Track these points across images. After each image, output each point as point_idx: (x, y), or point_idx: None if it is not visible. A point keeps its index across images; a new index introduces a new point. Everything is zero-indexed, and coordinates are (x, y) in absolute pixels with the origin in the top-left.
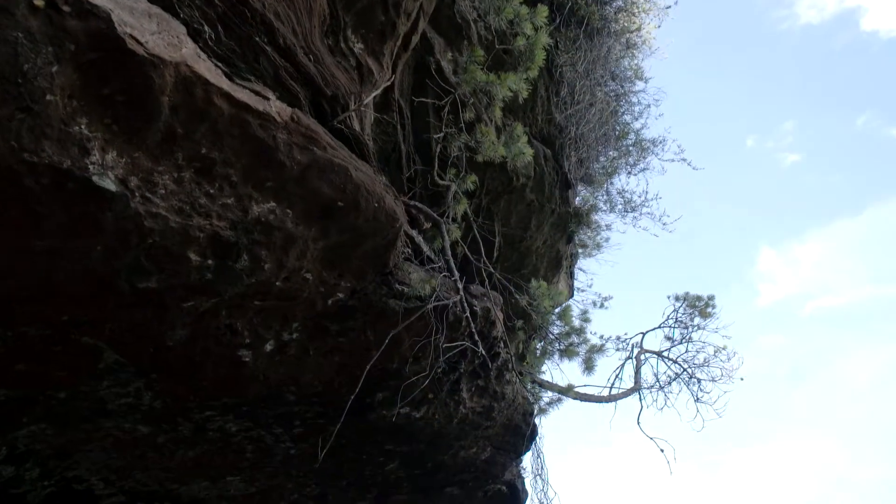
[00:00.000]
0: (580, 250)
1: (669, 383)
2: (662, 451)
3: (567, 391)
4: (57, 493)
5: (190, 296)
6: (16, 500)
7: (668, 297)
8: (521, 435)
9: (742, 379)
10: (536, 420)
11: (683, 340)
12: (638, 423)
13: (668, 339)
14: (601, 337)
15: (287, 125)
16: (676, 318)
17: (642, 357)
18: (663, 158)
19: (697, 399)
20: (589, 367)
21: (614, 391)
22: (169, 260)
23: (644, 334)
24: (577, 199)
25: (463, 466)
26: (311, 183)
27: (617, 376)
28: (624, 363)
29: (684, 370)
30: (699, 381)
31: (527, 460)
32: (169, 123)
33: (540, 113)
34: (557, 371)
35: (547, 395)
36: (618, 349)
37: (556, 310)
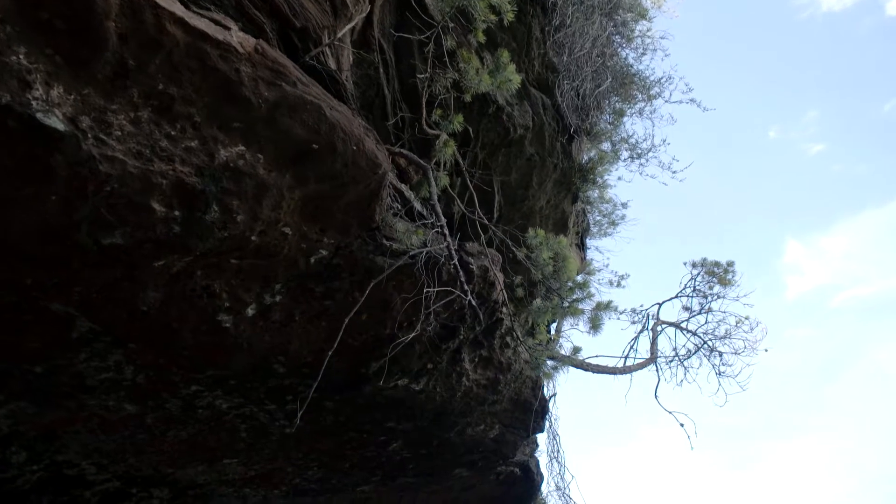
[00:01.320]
0: (594, 228)
1: (689, 356)
2: (682, 425)
3: (575, 361)
4: (48, 478)
5: (160, 253)
6: (5, 485)
7: (685, 264)
8: (531, 411)
9: (766, 350)
10: (550, 403)
11: (702, 311)
12: (655, 396)
13: (686, 309)
14: (616, 310)
15: (251, 57)
16: (694, 287)
17: (658, 328)
18: (670, 100)
19: (720, 373)
20: (595, 326)
21: (630, 364)
22: (131, 211)
23: (660, 305)
24: (584, 157)
25: (471, 445)
26: (282, 123)
27: (632, 348)
28: (639, 334)
29: (704, 342)
30: (721, 353)
31: (542, 445)
32: (119, 55)
33: (536, 57)
34: (566, 342)
35: (552, 363)
36: (633, 322)
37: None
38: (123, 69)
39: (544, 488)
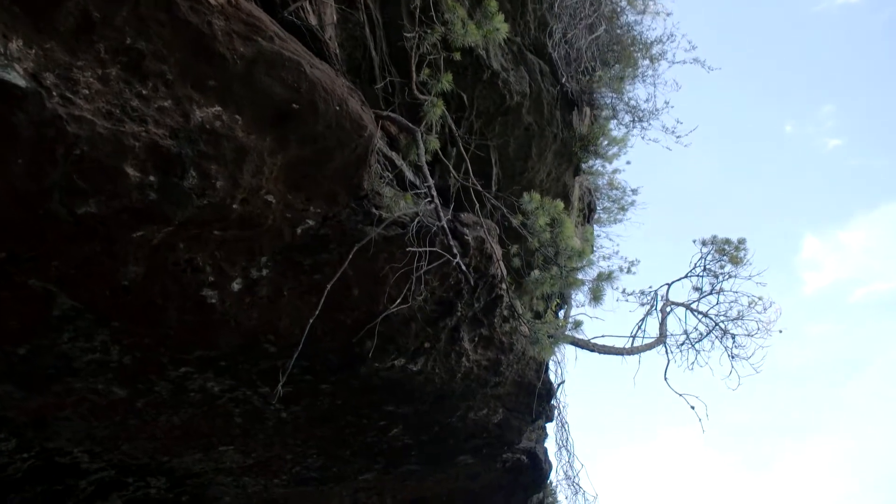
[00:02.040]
0: (604, 215)
1: (700, 339)
2: (693, 408)
3: (580, 341)
4: (40, 467)
5: (138, 223)
6: None
7: (695, 242)
8: (536, 394)
9: (781, 332)
10: (559, 390)
11: (714, 291)
12: (665, 378)
13: (697, 289)
14: (623, 291)
15: (224, 10)
16: (704, 267)
17: (668, 309)
18: (673, 60)
19: (732, 356)
20: (596, 297)
21: (638, 345)
22: (104, 176)
23: (669, 285)
24: (584, 126)
25: (474, 430)
26: (260, 81)
27: (640, 328)
28: (647, 314)
29: (716, 324)
30: (733, 336)
31: (551, 435)
32: (82, 5)
33: (532, 20)
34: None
35: (548, 338)
36: (642, 304)
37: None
38: (88, 22)
39: (553, 477)
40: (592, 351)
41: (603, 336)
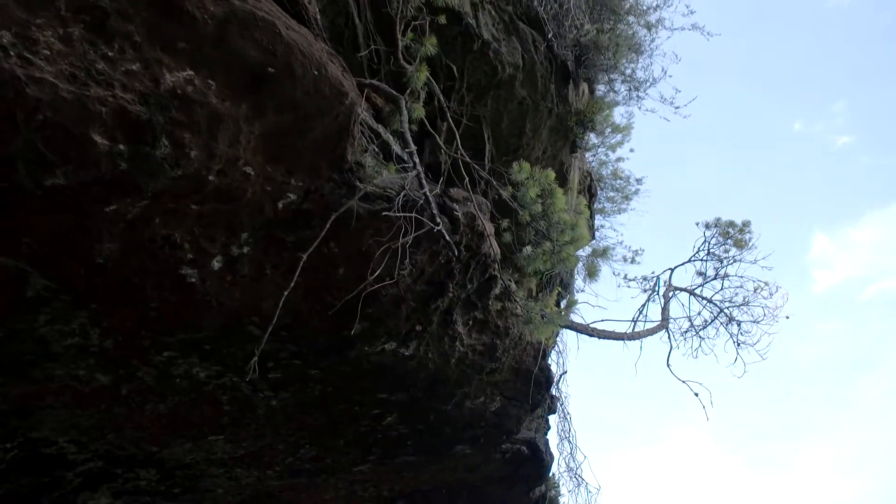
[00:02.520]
0: (608, 204)
1: (705, 326)
2: (697, 394)
3: (579, 325)
4: (25, 458)
5: (110, 196)
6: None
7: (698, 224)
8: (534, 381)
9: (788, 317)
10: (561, 381)
11: (718, 276)
12: (668, 364)
13: (701, 274)
14: (625, 277)
15: None
16: (708, 251)
17: (671, 294)
18: (672, 27)
19: (738, 343)
20: (591, 273)
21: (640, 330)
22: (70, 144)
23: (672, 270)
24: (580, 101)
25: (470, 419)
26: (233, 43)
27: (641, 313)
28: (649, 298)
29: (721, 311)
30: (739, 322)
31: (553, 429)
32: None
33: None
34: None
35: (541, 318)
36: (644, 290)
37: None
38: None
39: (555, 470)
40: (592, 336)
41: (603, 321)
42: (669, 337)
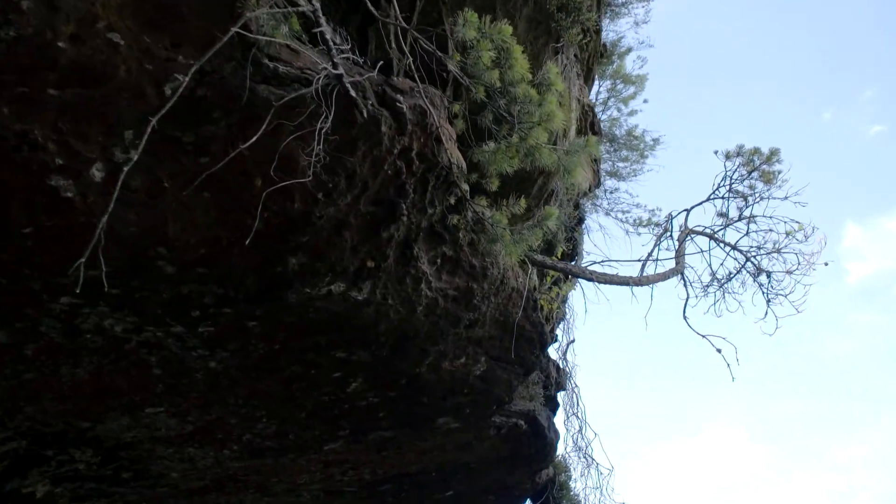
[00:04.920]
0: (623, 166)
1: (729, 279)
2: (720, 350)
3: (574, 269)
4: None
5: None
6: None
7: (716, 153)
8: (525, 337)
9: (827, 264)
10: (569, 351)
11: (742, 218)
12: (684, 316)
13: (722, 215)
14: (634, 223)
15: None
16: (730, 187)
17: (687, 238)
18: None
19: (769, 300)
20: (569, 169)
21: (650, 274)
22: None
23: (689, 211)
24: None
25: (451, 385)
26: None
27: (650, 256)
28: (660, 239)
29: (748, 259)
30: (769, 273)
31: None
32: None
33: None
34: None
35: (510, 234)
36: (658, 239)
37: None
38: None
39: (564, 451)
40: (591, 280)
41: (604, 261)
42: (686, 284)
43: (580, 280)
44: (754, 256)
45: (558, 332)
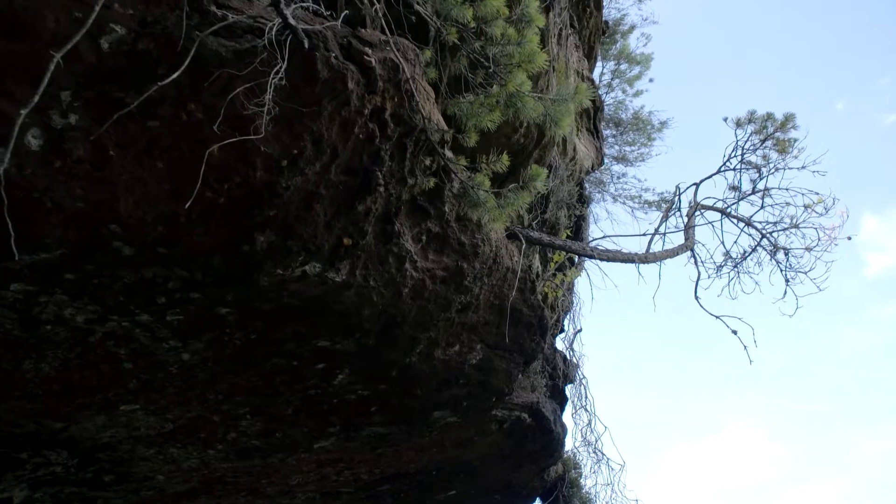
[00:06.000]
0: (629, 150)
1: (744, 258)
2: (735, 332)
3: (572, 247)
4: None
5: None
6: None
7: (725, 120)
8: (523, 323)
9: (850, 238)
10: (576, 339)
11: (756, 191)
12: (696, 296)
13: (734, 188)
14: (640, 200)
15: None
16: (742, 157)
17: (696, 213)
18: None
19: (788, 279)
20: (558, 121)
21: (657, 251)
22: None
23: (698, 185)
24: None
25: (446, 375)
26: None
27: (657, 231)
28: (668, 213)
29: (763, 236)
30: (787, 250)
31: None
32: None
33: None
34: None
35: (493, 197)
36: (666, 214)
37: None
38: None
39: (573, 446)
40: (593, 258)
41: (605, 237)
42: (697, 262)
43: (586, 267)
44: (770, 232)
45: (565, 322)
